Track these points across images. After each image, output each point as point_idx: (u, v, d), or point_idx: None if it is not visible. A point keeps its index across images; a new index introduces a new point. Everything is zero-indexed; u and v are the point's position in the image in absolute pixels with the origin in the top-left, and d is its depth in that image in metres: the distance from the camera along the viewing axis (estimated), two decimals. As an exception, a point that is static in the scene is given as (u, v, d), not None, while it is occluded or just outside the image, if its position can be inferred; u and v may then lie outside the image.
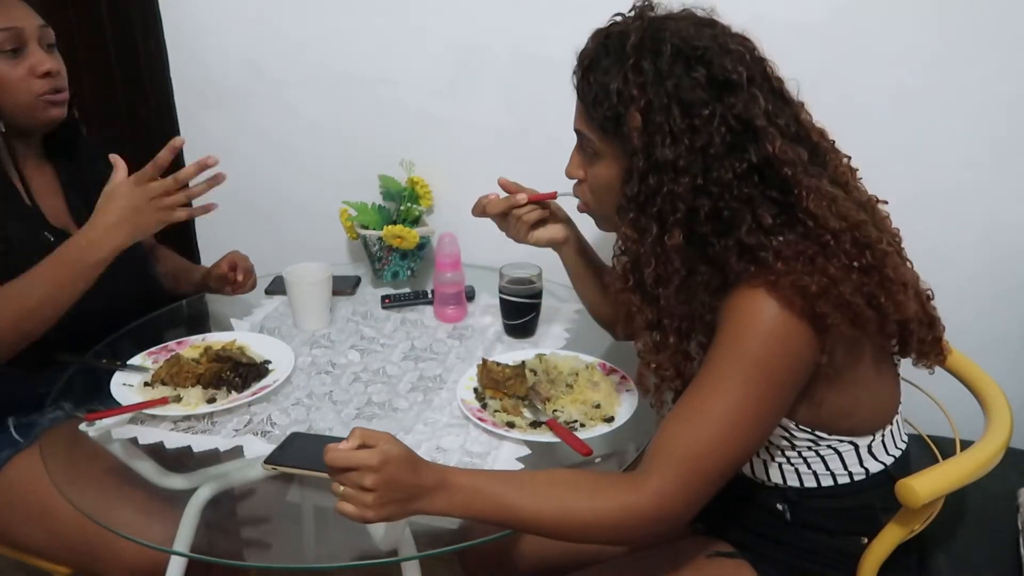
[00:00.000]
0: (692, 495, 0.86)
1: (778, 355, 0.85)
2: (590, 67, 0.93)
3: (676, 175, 0.86)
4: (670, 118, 0.85)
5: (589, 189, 1.02)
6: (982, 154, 1.40)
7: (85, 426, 1.12)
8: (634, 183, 0.89)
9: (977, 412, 1.08)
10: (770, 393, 0.86)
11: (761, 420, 0.87)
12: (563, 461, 1.09)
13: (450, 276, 1.45)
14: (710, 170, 0.85)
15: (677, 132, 0.85)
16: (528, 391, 1.16)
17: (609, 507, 0.85)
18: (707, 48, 0.86)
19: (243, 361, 1.24)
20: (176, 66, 1.77)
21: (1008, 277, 1.47)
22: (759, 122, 0.86)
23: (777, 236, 0.86)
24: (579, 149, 1.02)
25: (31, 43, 1.23)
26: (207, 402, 1.16)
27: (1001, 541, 1.12)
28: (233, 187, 1.85)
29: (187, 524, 1.00)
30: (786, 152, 0.86)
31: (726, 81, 0.86)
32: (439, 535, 0.98)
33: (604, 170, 0.96)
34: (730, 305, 0.88)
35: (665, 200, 0.87)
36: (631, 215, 0.90)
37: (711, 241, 0.87)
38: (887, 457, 1.00)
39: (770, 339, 0.84)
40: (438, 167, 1.69)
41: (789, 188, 0.86)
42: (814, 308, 0.82)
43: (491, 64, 1.58)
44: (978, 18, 1.33)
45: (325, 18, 1.64)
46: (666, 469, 0.85)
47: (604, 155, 0.95)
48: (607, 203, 0.98)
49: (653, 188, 0.88)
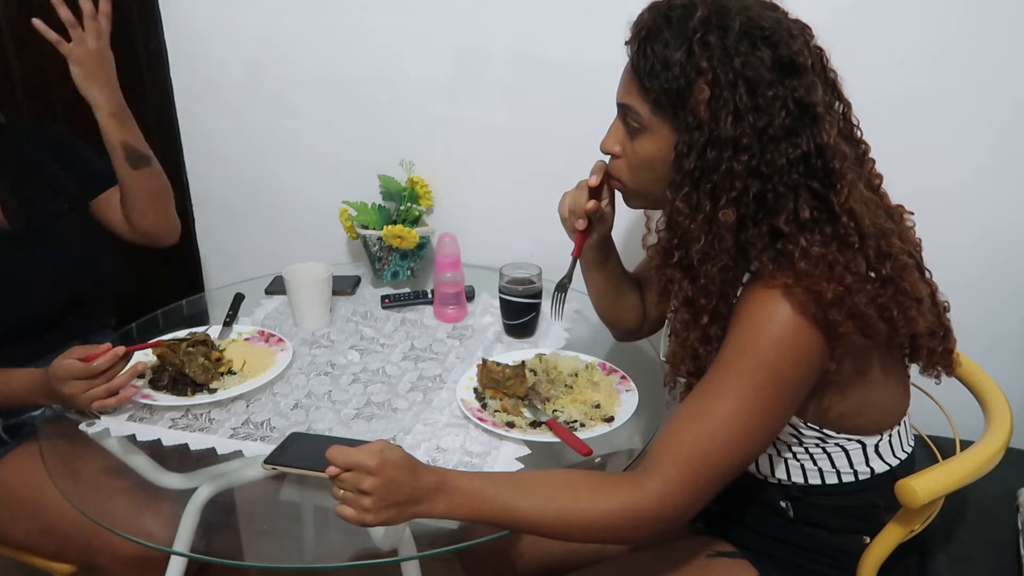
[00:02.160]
0: (694, 495, 0.86)
1: (789, 360, 0.85)
2: (648, 37, 0.90)
3: (736, 152, 0.85)
4: (736, 95, 0.84)
5: (627, 164, 0.99)
6: (983, 155, 1.40)
7: (85, 426, 1.12)
8: (692, 157, 0.87)
9: (977, 412, 1.08)
10: (778, 397, 0.86)
11: (768, 423, 0.88)
12: (563, 461, 1.09)
13: (450, 276, 1.45)
14: (765, 152, 0.84)
15: (742, 109, 0.84)
16: (528, 391, 1.16)
17: (611, 508, 0.85)
18: (773, 30, 0.86)
19: (185, 372, 1.21)
20: (176, 67, 1.77)
21: (1008, 278, 1.47)
22: (819, 109, 0.85)
23: (808, 233, 0.85)
24: (619, 123, 0.99)
25: None
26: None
27: (1001, 541, 1.12)
28: (233, 187, 1.86)
29: (187, 524, 1.00)
30: (839, 144, 0.86)
31: (791, 64, 0.85)
32: (439, 535, 0.98)
33: (648, 145, 0.94)
34: (745, 304, 0.88)
35: (723, 176, 0.86)
36: (685, 190, 0.88)
37: (748, 224, 0.87)
38: (893, 459, 1.00)
39: (782, 343, 0.84)
40: (438, 167, 1.69)
41: (832, 181, 0.85)
42: (827, 316, 0.83)
43: (491, 64, 1.58)
44: (978, 18, 1.33)
45: (325, 18, 1.64)
46: (669, 469, 0.85)
47: (650, 129, 0.93)
48: (644, 179, 0.97)
49: (711, 163, 0.86)
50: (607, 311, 1.28)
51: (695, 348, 0.93)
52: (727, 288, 0.90)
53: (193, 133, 1.83)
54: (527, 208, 1.65)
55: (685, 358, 0.95)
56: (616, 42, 1.00)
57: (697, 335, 0.92)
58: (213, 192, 1.86)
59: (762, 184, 0.85)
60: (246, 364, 1.26)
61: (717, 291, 0.90)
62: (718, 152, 0.85)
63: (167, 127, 1.82)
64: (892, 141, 1.41)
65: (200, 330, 1.33)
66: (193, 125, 1.82)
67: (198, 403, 1.16)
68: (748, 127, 0.84)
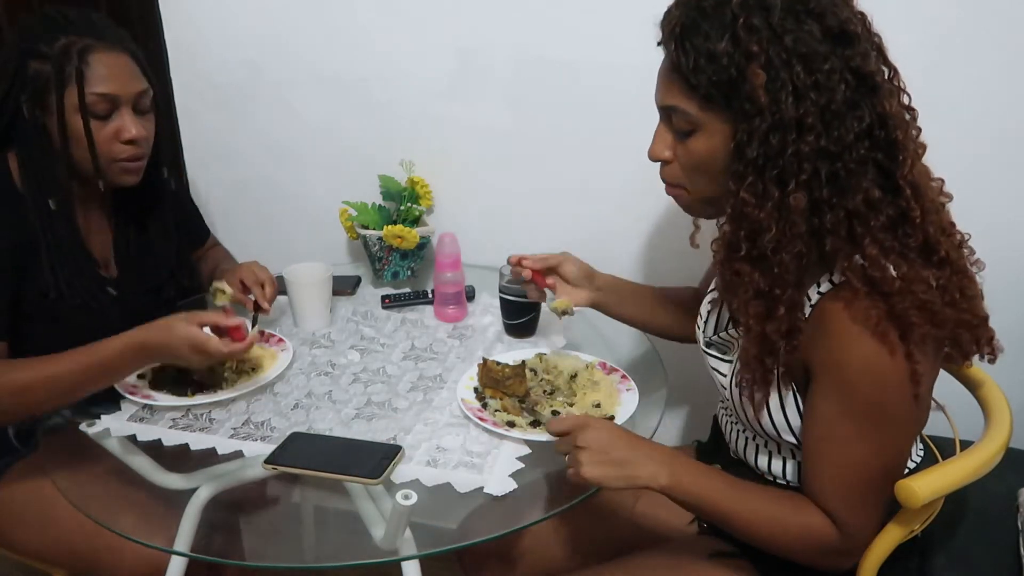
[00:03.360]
0: (877, 521, 0.93)
1: (892, 393, 0.85)
2: (686, 32, 0.86)
3: (800, 134, 0.81)
4: (793, 73, 0.80)
5: (681, 168, 0.94)
6: (981, 153, 1.40)
7: (85, 426, 1.12)
8: (754, 145, 0.83)
9: (977, 412, 1.08)
10: (907, 414, 0.87)
11: (908, 431, 0.91)
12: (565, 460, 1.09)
13: (450, 276, 1.45)
14: (832, 129, 0.81)
15: (802, 88, 0.80)
16: (524, 397, 1.16)
17: (811, 555, 0.93)
18: (816, 1, 0.82)
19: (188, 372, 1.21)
20: (176, 66, 1.77)
21: (1008, 277, 1.47)
22: (878, 78, 0.82)
23: (880, 214, 0.83)
24: (664, 129, 0.95)
25: (124, 107, 1.19)
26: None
27: (1001, 541, 1.12)
28: (233, 187, 1.86)
29: (187, 524, 1.00)
30: (900, 113, 0.83)
31: (842, 32, 0.82)
32: (439, 535, 0.98)
33: (703, 143, 0.90)
34: (826, 332, 0.86)
35: (789, 160, 0.82)
36: (749, 179, 0.84)
37: (823, 208, 0.83)
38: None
39: (882, 385, 0.84)
40: (438, 167, 1.69)
41: (895, 153, 0.82)
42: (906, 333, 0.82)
43: (491, 65, 1.58)
44: (976, 18, 1.33)
45: (325, 18, 1.64)
46: (857, 509, 0.90)
47: (703, 127, 0.89)
48: (704, 180, 0.93)
49: (776, 149, 0.82)
50: (669, 327, 1.29)
51: (773, 342, 0.89)
52: (802, 276, 0.87)
53: (193, 133, 1.83)
54: (527, 208, 1.65)
55: (760, 354, 0.91)
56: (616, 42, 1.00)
57: (774, 327, 0.89)
58: (213, 192, 1.86)
59: (832, 163, 0.82)
60: (248, 363, 1.26)
61: (793, 280, 0.87)
62: (782, 136, 0.82)
63: (167, 127, 1.81)
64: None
65: None
66: (193, 125, 1.82)
67: (198, 403, 1.16)
68: (811, 105, 0.80)
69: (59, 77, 1.14)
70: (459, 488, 1.00)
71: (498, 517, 1.00)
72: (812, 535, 0.91)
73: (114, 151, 1.20)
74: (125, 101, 1.19)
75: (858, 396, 0.86)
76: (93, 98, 1.16)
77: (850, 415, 0.87)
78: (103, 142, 1.19)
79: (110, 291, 1.27)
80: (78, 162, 1.19)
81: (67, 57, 1.14)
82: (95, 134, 1.18)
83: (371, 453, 1.03)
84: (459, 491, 1.00)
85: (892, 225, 0.83)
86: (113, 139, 1.19)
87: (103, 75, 1.16)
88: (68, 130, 1.16)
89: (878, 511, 0.92)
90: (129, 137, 1.19)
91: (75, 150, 1.18)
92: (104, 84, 1.16)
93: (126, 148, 1.21)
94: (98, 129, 1.18)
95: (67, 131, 1.16)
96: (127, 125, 1.19)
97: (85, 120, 1.16)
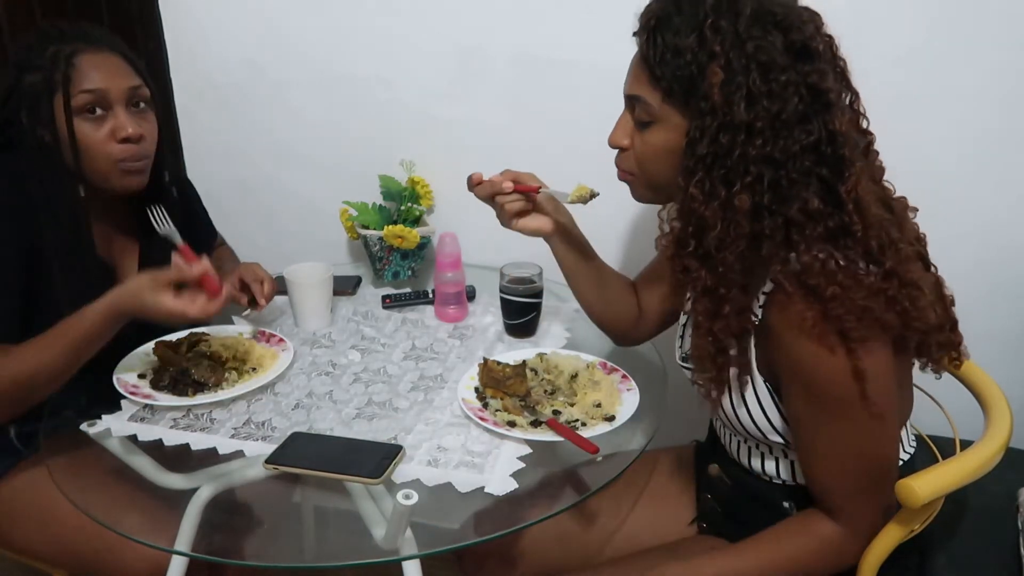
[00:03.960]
0: (881, 513, 0.94)
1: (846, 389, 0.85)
2: (659, 26, 0.89)
3: (749, 137, 0.84)
4: (749, 79, 0.83)
5: (636, 157, 0.98)
6: (978, 152, 1.41)
7: (86, 426, 1.12)
8: (705, 142, 0.86)
9: (977, 412, 1.08)
10: (883, 404, 0.88)
11: (883, 422, 0.90)
12: (566, 460, 1.09)
13: (451, 276, 1.45)
14: (779, 138, 0.84)
15: (756, 94, 0.83)
16: (525, 396, 1.16)
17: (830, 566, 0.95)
18: (785, 15, 0.85)
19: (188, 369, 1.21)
20: (176, 66, 1.77)
21: (1009, 276, 1.47)
22: (832, 96, 0.85)
23: (818, 225, 0.85)
24: (627, 117, 0.98)
25: (116, 105, 1.17)
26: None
27: (1001, 541, 1.12)
28: (233, 187, 1.87)
29: (188, 524, 1.00)
30: (850, 132, 0.86)
31: (804, 48, 0.85)
32: (440, 535, 0.98)
33: (659, 136, 0.93)
34: (773, 335, 0.88)
35: (737, 161, 0.85)
36: (698, 176, 0.88)
37: (764, 213, 0.86)
38: None
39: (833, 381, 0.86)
40: (438, 167, 1.69)
41: (840, 170, 0.85)
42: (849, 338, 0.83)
43: (491, 64, 1.58)
44: (975, 18, 1.34)
45: (325, 18, 1.64)
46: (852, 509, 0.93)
47: (661, 119, 0.92)
48: (656, 171, 0.96)
49: (725, 148, 0.85)
50: (600, 314, 1.28)
51: (721, 341, 0.92)
52: (747, 277, 0.90)
53: (193, 133, 1.84)
54: (527, 208, 1.65)
55: (712, 352, 0.93)
56: (616, 42, 1.00)
57: (722, 326, 0.91)
58: (213, 192, 1.86)
59: (776, 171, 0.85)
60: (248, 361, 1.26)
61: (737, 279, 0.89)
62: (731, 137, 0.85)
63: (167, 127, 1.81)
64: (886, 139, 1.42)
65: (199, 330, 1.33)
66: (193, 125, 1.82)
67: (199, 403, 1.16)
68: (762, 111, 0.84)
69: (48, 83, 1.13)
70: (460, 488, 1.00)
71: (498, 517, 1.00)
72: (826, 548, 0.94)
73: (112, 152, 1.18)
74: (116, 98, 1.17)
75: (819, 393, 0.88)
76: (82, 96, 1.14)
77: (821, 412, 0.89)
78: (100, 143, 1.17)
79: None
80: (84, 171, 1.18)
81: (55, 63, 1.13)
82: (89, 136, 1.16)
83: (372, 453, 1.03)
84: (460, 491, 1.00)
85: (832, 236, 0.85)
86: (109, 139, 1.17)
87: (90, 73, 1.15)
88: (63, 136, 1.15)
89: (881, 501, 0.93)
90: (125, 135, 1.17)
91: (74, 157, 1.17)
92: (91, 81, 1.15)
93: (125, 148, 1.18)
94: (93, 131, 1.16)
95: (62, 138, 1.15)
96: (122, 123, 1.17)
97: (68, 120, 1.14)
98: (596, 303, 1.27)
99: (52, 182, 1.17)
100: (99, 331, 1.12)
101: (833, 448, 0.91)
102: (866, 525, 0.93)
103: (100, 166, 1.18)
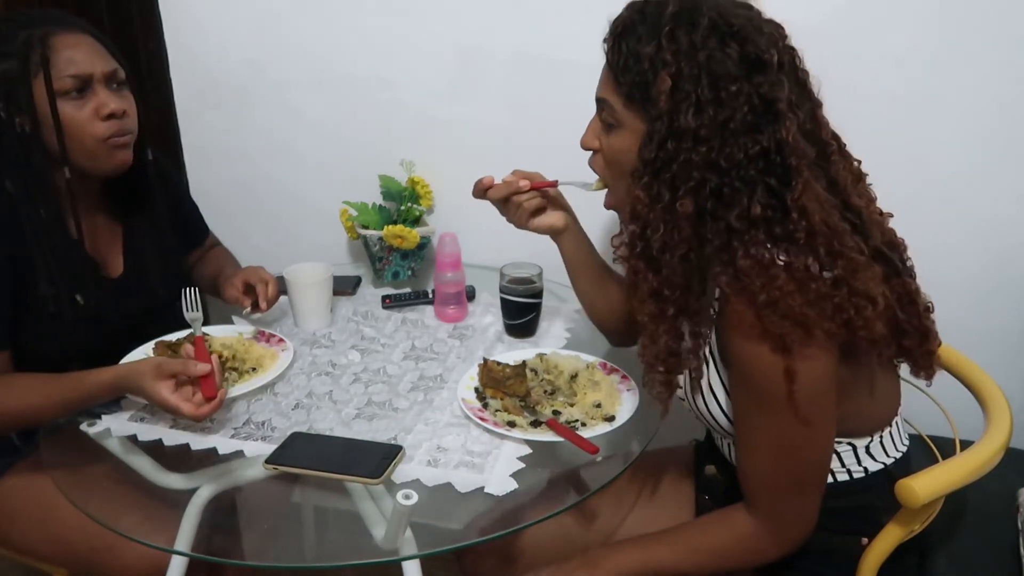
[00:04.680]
0: (804, 517, 0.95)
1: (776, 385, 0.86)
2: (623, 33, 0.92)
3: (695, 144, 0.86)
4: (698, 87, 0.85)
5: (604, 159, 1.01)
6: (977, 152, 1.41)
7: (86, 426, 1.12)
8: (652, 147, 0.89)
9: (977, 412, 1.08)
10: (814, 412, 0.89)
11: (814, 425, 0.90)
12: (566, 460, 1.09)
13: (451, 276, 1.45)
14: (725, 146, 0.86)
15: (703, 102, 0.85)
16: (525, 396, 1.16)
17: (747, 560, 0.98)
18: (742, 27, 0.87)
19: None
20: (176, 66, 1.77)
21: (1008, 276, 1.47)
22: (781, 106, 0.86)
23: (755, 230, 0.86)
24: (597, 119, 1.01)
25: (97, 84, 1.17)
26: None
27: (1001, 541, 1.12)
28: (233, 187, 1.87)
29: (188, 524, 1.00)
30: (798, 142, 0.86)
31: (757, 60, 0.86)
32: (439, 535, 0.98)
33: (622, 140, 0.95)
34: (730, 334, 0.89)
35: (681, 167, 0.87)
36: (645, 179, 0.90)
37: (706, 218, 0.88)
38: (886, 458, 1.00)
39: (765, 376, 0.87)
40: (438, 167, 1.69)
41: (788, 179, 0.86)
42: (785, 340, 0.84)
43: (491, 64, 1.58)
44: (975, 18, 1.34)
45: (325, 18, 1.64)
46: (769, 507, 0.95)
47: (624, 124, 0.94)
48: (620, 174, 0.98)
49: (671, 154, 0.87)
50: (601, 315, 1.28)
51: (669, 345, 0.95)
52: (691, 281, 0.92)
53: (193, 133, 1.84)
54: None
55: (659, 355, 0.96)
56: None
57: (666, 328, 0.94)
58: (213, 192, 1.86)
59: (719, 178, 0.86)
60: (248, 361, 1.26)
61: (681, 283, 0.91)
62: (677, 143, 0.87)
63: (167, 127, 1.82)
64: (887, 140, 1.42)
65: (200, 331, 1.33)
66: (193, 125, 1.82)
67: None
68: (708, 120, 0.85)
69: (24, 67, 1.12)
70: (460, 488, 1.00)
71: (498, 517, 1.00)
72: (743, 542, 0.97)
73: (97, 130, 1.18)
74: (97, 79, 1.18)
75: (752, 387, 0.90)
76: (65, 81, 1.14)
77: (752, 404, 0.92)
78: (84, 123, 1.17)
79: (108, 295, 1.27)
80: (70, 153, 1.17)
81: (29, 47, 1.13)
82: (73, 117, 1.16)
83: (372, 453, 1.03)
84: (460, 491, 1.00)
85: (775, 242, 0.86)
86: (94, 117, 1.17)
87: (70, 57, 1.15)
88: (44, 120, 1.15)
89: (801, 503, 0.94)
90: (108, 111, 1.18)
91: (55, 139, 1.16)
92: (73, 66, 1.15)
93: (109, 124, 1.19)
94: (76, 111, 1.16)
95: (43, 121, 1.15)
96: (104, 100, 1.18)
97: (52, 102, 1.14)
98: (598, 300, 1.27)
99: (33, 179, 1.17)
100: (95, 398, 1.14)
101: (760, 442, 0.92)
102: (784, 525, 0.95)
103: (87, 145, 1.18)
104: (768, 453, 0.92)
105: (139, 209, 1.34)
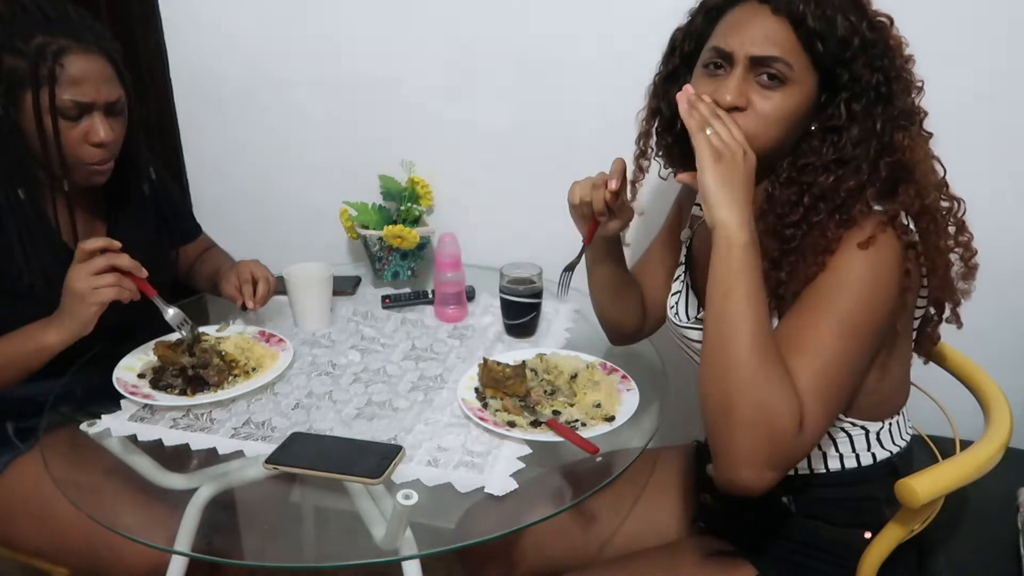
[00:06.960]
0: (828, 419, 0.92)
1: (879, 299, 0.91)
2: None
3: (880, 112, 0.93)
4: (885, 62, 0.93)
5: (759, 118, 0.95)
6: (978, 152, 1.40)
7: (85, 426, 1.12)
8: (839, 110, 0.94)
9: (977, 412, 1.08)
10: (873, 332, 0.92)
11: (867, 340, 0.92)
12: (565, 460, 1.09)
13: (450, 276, 1.45)
14: (888, 120, 0.94)
15: (891, 79, 0.93)
16: (525, 396, 1.16)
17: None
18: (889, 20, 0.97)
19: (185, 365, 1.22)
20: (176, 66, 1.77)
21: (1009, 276, 1.47)
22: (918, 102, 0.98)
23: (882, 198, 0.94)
24: (746, 77, 0.95)
25: (96, 111, 1.19)
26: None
27: (1001, 541, 1.12)
28: (233, 187, 1.87)
29: (188, 524, 1.00)
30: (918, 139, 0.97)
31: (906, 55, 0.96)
32: (440, 535, 0.98)
33: (790, 98, 0.94)
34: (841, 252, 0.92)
35: (862, 133, 0.93)
36: (815, 142, 0.95)
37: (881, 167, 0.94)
38: (893, 446, 1.02)
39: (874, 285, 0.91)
40: (438, 167, 1.69)
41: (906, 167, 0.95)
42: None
43: (491, 64, 1.58)
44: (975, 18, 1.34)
45: (325, 18, 1.64)
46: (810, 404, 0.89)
47: (794, 82, 0.93)
48: (775, 133, 0.95)
49: (860, 115, 0.93)
50: (607, 308, 1.27)
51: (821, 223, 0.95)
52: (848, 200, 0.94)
53: (193, 133, 1.84)
54: (527, 208, 1.65)
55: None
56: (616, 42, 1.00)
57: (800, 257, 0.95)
58: (213, 192, 1.87)
59: (881, 144, 0.93)
60: (248, 363, 1.26)
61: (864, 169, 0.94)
62: (864, 106, 0.93)
63: (167, 127, 1.82)
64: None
65: (200, 329, 1.33)
66: (193, 125, 1.82)
67: (199, 403, 1.16)
68: (889, 94, 0.93)
69: (33, 77, 1.13)
70: (460, 488, 1.00)
71: (498, 517, 1.00)
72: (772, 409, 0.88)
73: (82, 154, 1.20)
74: (98, 107, 1.19)
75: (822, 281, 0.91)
76: (66, 103, 1.15)
77: (815, 298, 0.92)
78: (72, 143, 1.18)
79: None
80: (49, 160, 1.18)
81: (42, 57, 1.13)
82: (64, 134, 1.17)
83: (372, 453, 1.03)
84: (460, 491, 1.00)
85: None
86: (82, 141, 1.19)
87: (77, 80, 1.15)
88: (40, 129, 1.15)
89: (832, 409, 0.92)
90: (98, 140, 1.19)
91: (44, 148, 1.17)
92: (78, 91, 1.15)
93: (95, 152, 1.20)
94: (67, 129, 1.17)
95: (39, 130, 1.15)
96: (97, 128, 1.19)
97: (55, 124, 1.15)
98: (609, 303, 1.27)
99: (16, 163, 1.18)
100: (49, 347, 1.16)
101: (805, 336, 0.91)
102: (810, 423, 0.89)
103: (68, 162, 1.20)
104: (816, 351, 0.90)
105: (121, 208, 1.35)
